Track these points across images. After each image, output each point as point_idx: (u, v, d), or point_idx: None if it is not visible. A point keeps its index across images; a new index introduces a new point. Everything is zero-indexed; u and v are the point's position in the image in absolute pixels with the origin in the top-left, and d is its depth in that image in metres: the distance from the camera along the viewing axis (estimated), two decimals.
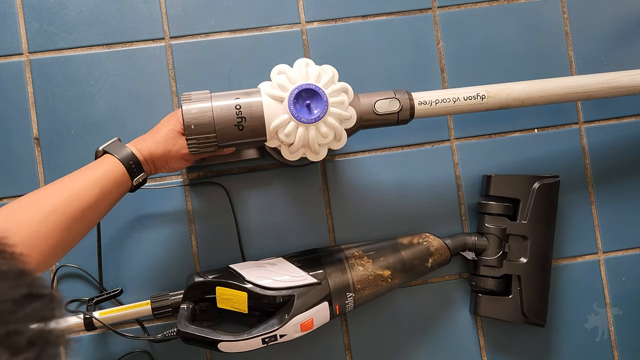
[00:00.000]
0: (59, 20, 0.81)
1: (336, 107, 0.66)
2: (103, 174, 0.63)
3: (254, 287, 0.70)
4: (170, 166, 0.69)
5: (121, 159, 0.65)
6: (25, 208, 0.58)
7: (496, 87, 0.74)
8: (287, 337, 0.70)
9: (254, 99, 0.66)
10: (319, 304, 0.71)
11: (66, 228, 0.58)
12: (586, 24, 0.88)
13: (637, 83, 0.76)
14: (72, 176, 0.63)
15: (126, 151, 0.65)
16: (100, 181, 0.62)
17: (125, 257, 0.79)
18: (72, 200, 0.59)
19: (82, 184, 0.61)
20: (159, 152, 0.67)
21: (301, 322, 0.70)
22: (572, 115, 0.87)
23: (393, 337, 0.83)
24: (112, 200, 0.65)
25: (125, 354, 0.78)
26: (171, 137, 0.67)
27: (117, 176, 0.64)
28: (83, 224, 0.61)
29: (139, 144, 0.67)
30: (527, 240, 0.79)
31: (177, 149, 0.67)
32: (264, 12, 0.84)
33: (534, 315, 0.79)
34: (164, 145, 0.67)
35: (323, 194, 0.83)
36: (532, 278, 0.79)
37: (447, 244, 0.79)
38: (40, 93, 0.80)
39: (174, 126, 0.68)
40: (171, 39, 0.83)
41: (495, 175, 0.82)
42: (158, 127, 0.69)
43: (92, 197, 0.61)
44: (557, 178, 0.81)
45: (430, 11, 0.86)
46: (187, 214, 0.81)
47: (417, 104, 0.72)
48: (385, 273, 0.75)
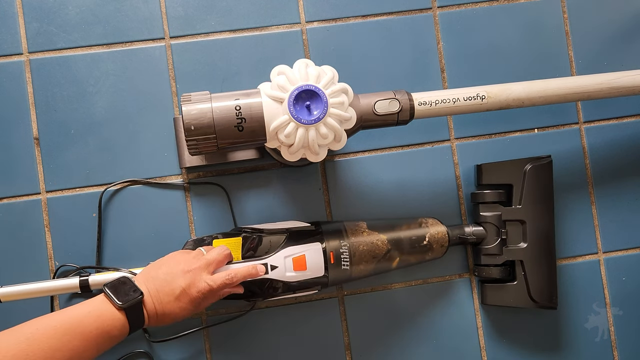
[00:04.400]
0: (59, 20, 0.81)
1: (336, 108, 0.66)
2: (112, 337, 0.61)
3: (248, 232, 0.72)
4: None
5: (131, 328, 0.62)
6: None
7: (496, 88, 0.74)
8: (279, 271, 0.70)
9: (253, 99, 0.66)
10: (312, 243, 0.72)
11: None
12: (586, 24, 0.88)
13: (637, 83, 0.76)
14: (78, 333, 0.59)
15: (140, 317, 0.62)
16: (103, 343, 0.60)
17: (125, 257, 0.80)
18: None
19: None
20: (164, 319, 0.65)
21: (293, 255, 0.71)
22: (572, 115, 0.87)
23: (393, 337, 0.83)
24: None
25: (125, 354, 0.78)
26: (184, 304, 0.64)
27: (119, 337, 0.62)
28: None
29: (151, 304, 0.63)
30: (525, 224, 0.79)
31: (184, 313, 0.65)
32: (264, 12, 0.84)
33: (543, 299, 0.78)
34: (173, 316, 0.65)
35: (323, 194, 0.83)
36: (536, 262, 0.79)
37: (445, 226, 0.79)
38: (40, 93, 0.80)
39: (189, 290, 0.64)
40: (171, 39, 0.83)
41: (485, 164, 0.82)
42: (176, 292, 0.64)
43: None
44: (549, 158, 0.80)
45: (430, 11, 0.86)
46: (187, 214, 0.81)
47: (417, 105, 0.72)
48: (381, 237, 0.76)
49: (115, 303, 0.61)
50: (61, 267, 0.78)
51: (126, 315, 0.61)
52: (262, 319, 0.81)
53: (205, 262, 0.66)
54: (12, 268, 0.78)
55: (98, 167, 0.80)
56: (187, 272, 0.65)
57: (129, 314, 0.61)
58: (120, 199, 0.80)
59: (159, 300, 0.63)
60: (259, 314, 0.81)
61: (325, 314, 0.82)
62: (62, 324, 0.58)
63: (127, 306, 0.61)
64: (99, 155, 0.80)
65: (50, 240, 0.79)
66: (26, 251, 0.79)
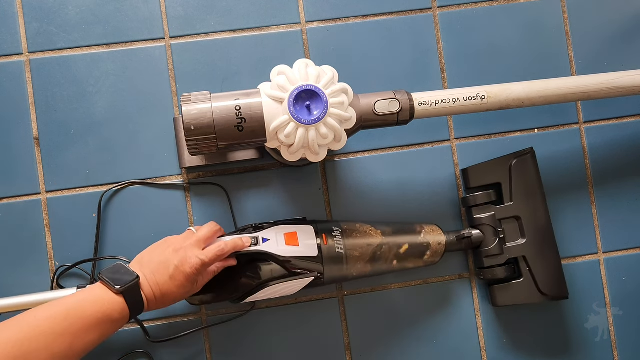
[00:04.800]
0: (59, 20, 0.81)
1: (336, 108, 0.66)
2: (114, 321, 0.61)
3: (241, 233, 0.73)
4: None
5: (131, 312, 0.62)
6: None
7: (496, 88, 0.74)
8: (271, 245, 0.70)
9: (253, 100, 0.66)
10: (304, 225, 0.74)
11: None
12: (586, 24, 0.88)
13: (637, 83, 0.76)
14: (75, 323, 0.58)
15: (139, 300, 0.63)
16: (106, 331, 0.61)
17: (124, 257, 0.79)
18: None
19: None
20: (164, 300, 0.66)
21: (285, 231, 0.72)
22: (572, 115, 0.87)
23: (393, 337, 0.83)
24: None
25: (125, 354, 0.78)
26: (183, 284, 0.65)
27: (120, 320, 0.62)
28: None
29: (147, 287, 0.64)
30: (521, 220, 0.79)
31: (182, 291, 0.66)
32: (264, 12, 0.84)
33: (553, 291, 0.78)
34: (172, 296, 0.65)
35: (323, 194, 0.83)
36: (538, 255, 0.78)
37: (444, 234, 0.79)
38: (40, 93, 0.80)
39: (185, 275, 0.65)
40: (171, 39, 0.83)
41: (471, 167, 0.82)
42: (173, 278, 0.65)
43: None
44: (531, 150, 0.80)
45: (430, 11, 0.86)
46: (187, 214, 0.81)
47: (417, 105, 0.72)
48: (376, 230, 0.76)
49: (112, 288, 0.61)
50: (61, 267, 0.78)
51: (125, 299, 0.61)
52: (262, 319, 0.81)
53: (196, 239, 0.68)
54: (12, 268, 0.78)
55: (98, 167, 0.80)
56: (179, 251, 0.66)
57: (127, 297, 0.62)
58: (120, 199, 0.80)
59: (155, 282, 0.64)
60: (259, 314, 0.81)
61: (325, 314, 0.82)
62: (62, 310, 0.58)
63: (124, 289, 0.61)
64: (99, 155, 0.80)
65: (50, 240, 0.79)
66: (26, 251, 0.79)
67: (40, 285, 0.78)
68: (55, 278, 0.78)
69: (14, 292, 0.73)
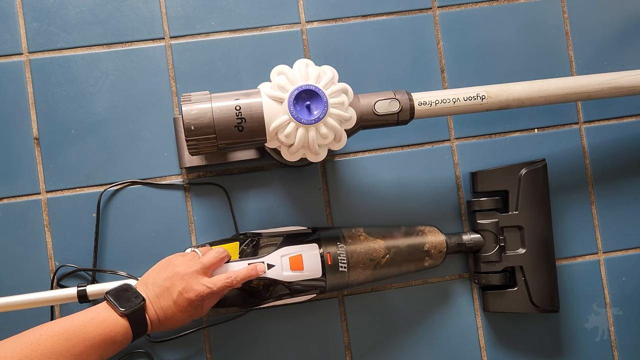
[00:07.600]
0: (59, 20, 0.81)
1: (336, 108, 0.66)
2: (116, 343, 0.61)
3: (245, 235, 0.73)
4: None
5: (134, 334, 0.63)
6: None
7: (496, 88, 0.74)
8: (276, 271, 0.70)
9: (253, 99, 0.66)
10: (308, 243, 0.73)
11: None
12: (586, 24, 0.88)
13: (637, 83, 0.76)
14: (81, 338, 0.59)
15: (143, 323, 0.63)
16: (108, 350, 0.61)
17: (125, 257, 0.79)
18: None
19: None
20: (168, 323, 0.66)
21: (289, 255, 0.71)
22: (572, 115, 0.87)
23: (393, 337, 0.83)
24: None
25: (125, 354, 0.78)
26: (186, 309, 0.65)
27: (123, 342, 0.63)
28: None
29: (152, 310, 0.64)
30: (523, 230, 0.79)
31: (185, 316, 0.66)
32: (264, 12, 0.84)
33: (545, 303, 0.78)
34: (175, 321, 0.66)
35: (323, 194, 0.83)
36: (536, 266, 0.79)
37: (443, 235, 0.79)
38: (40, 93, 0.80)
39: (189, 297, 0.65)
40: (171, 39, 0.83)
41: (480, 171, 0.82)
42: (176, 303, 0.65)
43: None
44: (544, 162, 0.80)
45: (430, 11, 0.86)
46: (187, 214, 0.81)
47: (417, 105, 0.72)
48: (379, 242, 0.76)
49: (117, 310, 0.62)
50: (61, 267, 0.78)
51: (129, 322, 0.62)
52: (262, 319, 0.81)
53: (202, 265, 0.67)
54: (12, 268, 0.78)
55: (98, 167, 0.80)
56: (184, 276, 0.65)
57: (132, 320, 0.62)
58: (120, 199, 0.80)
59: (159, 305, 0.64)
60: (259, 314, 0.81)
61: (325, 314, 0.82)
62: (66, 330, 0.58)
63: (129, 312, 0.62)
64: (99, 155, 0.80)
65: (50, 241, 0.79)
66: (26, 251, 0.79)
67: (40, 285, 0.78)
68: (55, 278, 0.78)
69: (14, 292, 0.73)
